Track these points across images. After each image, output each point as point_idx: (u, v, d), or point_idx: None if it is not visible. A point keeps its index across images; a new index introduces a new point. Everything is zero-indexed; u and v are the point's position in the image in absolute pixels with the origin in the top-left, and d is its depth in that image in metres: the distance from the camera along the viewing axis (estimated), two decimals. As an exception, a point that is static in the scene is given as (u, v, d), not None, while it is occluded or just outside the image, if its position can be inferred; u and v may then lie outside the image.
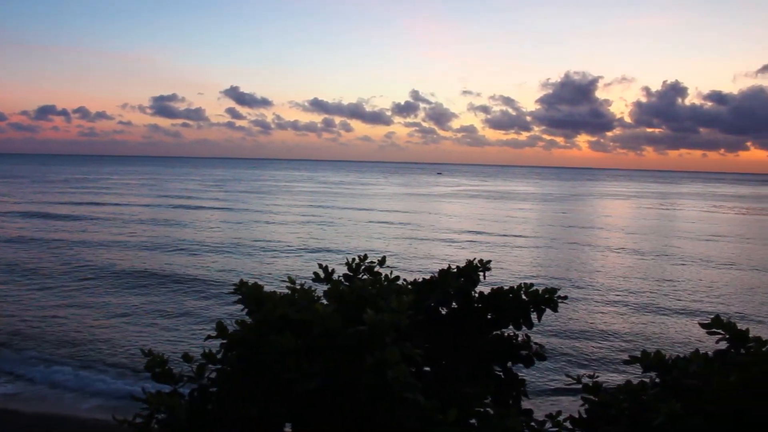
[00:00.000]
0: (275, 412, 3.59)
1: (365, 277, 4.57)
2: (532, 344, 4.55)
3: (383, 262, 4.67)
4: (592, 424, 3.97)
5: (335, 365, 3.56)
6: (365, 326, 3.56)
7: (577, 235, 46.74)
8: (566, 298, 4.63)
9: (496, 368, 4.51)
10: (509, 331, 4.57)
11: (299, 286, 4.05)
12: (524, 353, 4.53)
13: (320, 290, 4.18)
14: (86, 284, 24.57)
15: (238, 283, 4.10)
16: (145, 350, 4.04)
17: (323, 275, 4.51)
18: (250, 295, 3.99)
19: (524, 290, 4.52)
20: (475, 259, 4.69)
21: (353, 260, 4.68)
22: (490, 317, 4.56)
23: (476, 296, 4.57)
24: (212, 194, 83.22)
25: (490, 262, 4.69)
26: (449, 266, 4.65)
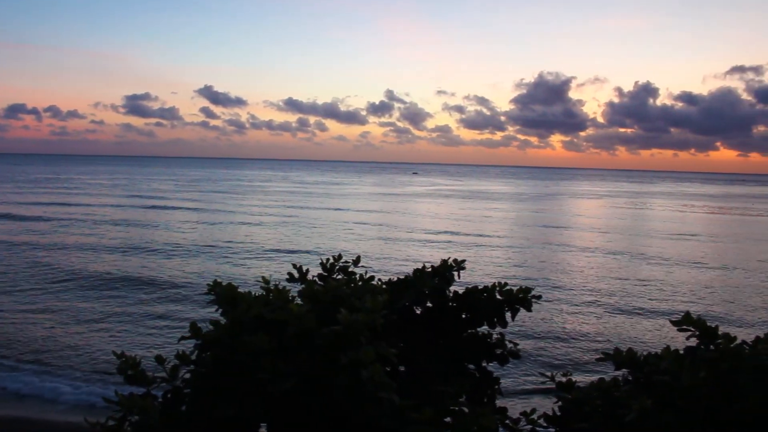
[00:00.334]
0: (250, 412, 3.58)
1: (340, 277, 4.57)
2: (506, 343, 4.58)
3: (357, 261, 4.67)
4: (565, 421, 4.01)
5: (310, 365, 3.56)
6: (340, 326, 3.56)
7: (550, 235, 47.12)
8: (540, 297, 4.67)
9: (470, 367, 4.54)
10: (484, 330, 4.60)
11: (274, 286, 4.04)
12: (499, 352, 4.56)
13: (295, 290, 4.17)
14: (55, 288, 24.06)
15: (212, 283, 4.07)
16: (117, 352, 4.00)
17: (298, 275, 4.50)
18: (224, 295, 3.97)
19: (498, 289, 4.55)
20: (449, 258, 4.71)
21: (328, 260, 4.68)
22: (464, 316, 4.58)
23: (451, 295, 4.59)
24: (186, 195, 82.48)
25: (464, 261, 4.71)
26: (424, 266, 4.66)
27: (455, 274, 4.64)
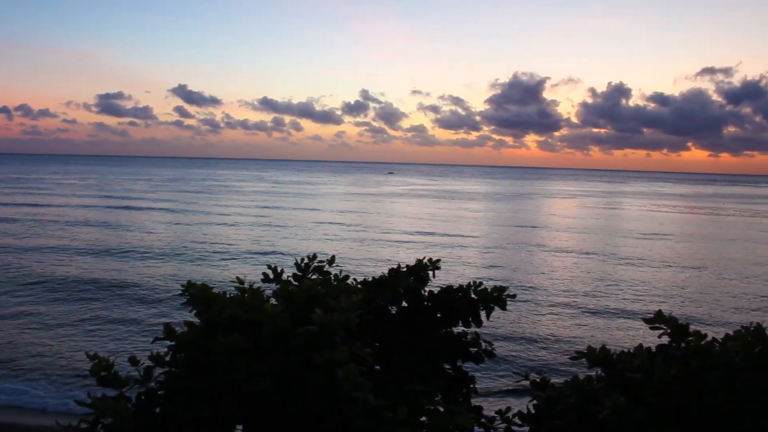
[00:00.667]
0: (225, 413, 3.55)
1: (315, 277, 4.55)
2: (481, 342, 4.60)
3: (332, 261, 4.66)
4: (540, 419, 4.04)
5: (285, 365, 3.54)
6: (315, 326, 3.55)
7: (525, 235, 47.43)
8: (515, 296, 4.69)
9: (446, 366, 4.55)
10: (459, 329, 4.61)
11: (248, 286, 4.02)
12: (474, 351, 4.58)
13: (270, 291, 4.15)
14: (25, 291, 23.62)
15: (186, 284, 4.04)
16: (90, 354, 3.95)
17: (272, 275, 4.47)
18: (198, 295, 3.94)
19: (473, 289, 4.57)
20: (424, 258, 4.71)
21: (302, 260, 4.66)
22: (439, 316, 4.59)
23: (426, 295, 4.60)
24: (160, 195, 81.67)
25: (439, 261, 4.72)
26: (399, 265, 4.67)
27: (430, 273, 4.65)
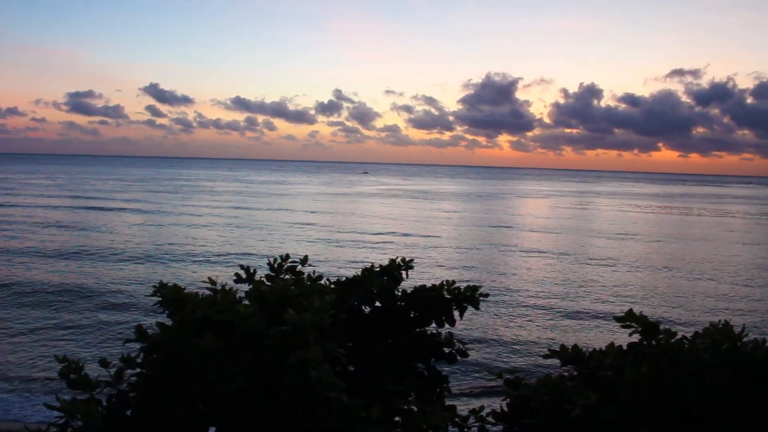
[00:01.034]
0: (198, 415, 3.52)
1: (288, 277, 4.53)
2: (454, 341, 4.61)
3: (305, 261, 4.64)
4: (513, 417, 4.06)
5: (258, 366, 3.52)
6: (287, 326, 3.53)
7: (498, 235, 47.74)
8: (488, 295, 4.72)
9: (419, 366, 4.55)
10: (432, 328, 4.62)
11: (221, 287, 3.99)
12: (447, 350, 4.59)
13: (243, 291, 4.13)
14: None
15: (158, 284, 4.00)
16: (59, 357, 3.89)
17: (245, 276, 4.45)
18: (170, 296, 3.90)
19: (447, 288, 4.58)
20: (398, 257, 4.71)
21: (275, 260, 4.63)
22: (413, 315, 4.60)
23: (399, 295, 4.60)
24: (130, 195, 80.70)
25: (412, 260, 4.72)
26: (372, 265, 4.66)
27: (404, 273, 4.65)
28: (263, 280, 4.42)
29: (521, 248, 40.00)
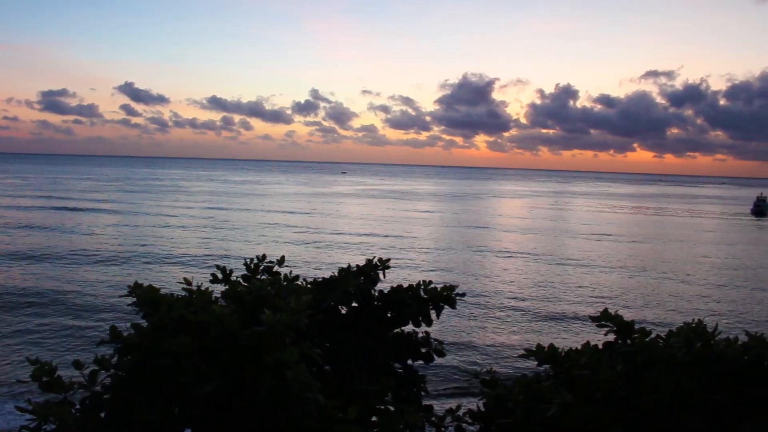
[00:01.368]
0: (173, 416, 3.49)
1: (264, 277, 4.51)
2: (431, 341, 4.61)
3: (282, 261, 4.62)
4: (489, 416, 4.07)
5: (234, 367, 3.50)
6: (263, 327, 3.51)
7: (475, 236, 47.91)
8: (464, 295, 4.72)
9: (396, 365, 4.55)
10: (409, 328, 4.62)
11: (196, 287, 3.95)
12: (424, 350, 4.58)
13: (219, 292, 4.10)
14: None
15: (133, 285, 3.96)
16: (31, 359, 3.82)
17: (221, 276, 4.41)
18: (145, 297, 3.86)
19: (423, 288, 4.58)
20: (374, 258, 4.71)
21: (252, 261, 4.61)
22: (389, 315, 4.59)
23: (376, 295, 4.59)
24: (104, 195, 79.78)
25: (389, 261, 4.72)
26: (349, 265, 4.65)
27: (380, 273, 4.64)
28: (239, 280, 4.39)
29: (497, 249, 40.20)
